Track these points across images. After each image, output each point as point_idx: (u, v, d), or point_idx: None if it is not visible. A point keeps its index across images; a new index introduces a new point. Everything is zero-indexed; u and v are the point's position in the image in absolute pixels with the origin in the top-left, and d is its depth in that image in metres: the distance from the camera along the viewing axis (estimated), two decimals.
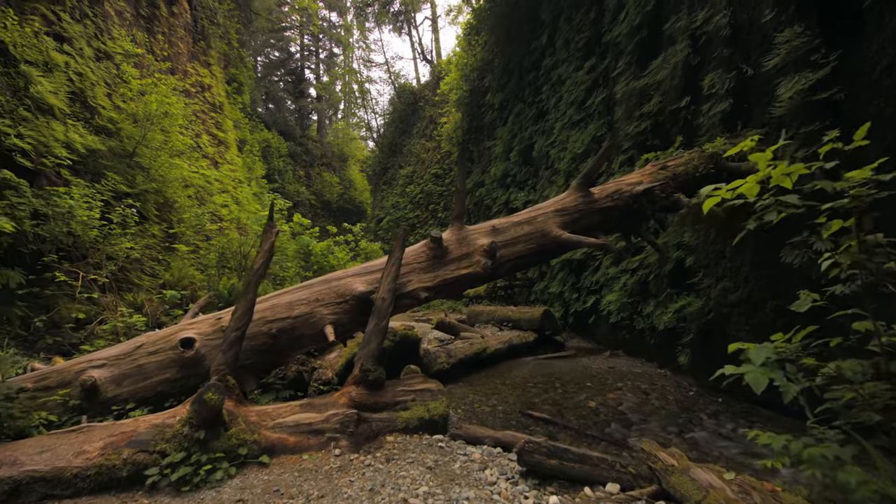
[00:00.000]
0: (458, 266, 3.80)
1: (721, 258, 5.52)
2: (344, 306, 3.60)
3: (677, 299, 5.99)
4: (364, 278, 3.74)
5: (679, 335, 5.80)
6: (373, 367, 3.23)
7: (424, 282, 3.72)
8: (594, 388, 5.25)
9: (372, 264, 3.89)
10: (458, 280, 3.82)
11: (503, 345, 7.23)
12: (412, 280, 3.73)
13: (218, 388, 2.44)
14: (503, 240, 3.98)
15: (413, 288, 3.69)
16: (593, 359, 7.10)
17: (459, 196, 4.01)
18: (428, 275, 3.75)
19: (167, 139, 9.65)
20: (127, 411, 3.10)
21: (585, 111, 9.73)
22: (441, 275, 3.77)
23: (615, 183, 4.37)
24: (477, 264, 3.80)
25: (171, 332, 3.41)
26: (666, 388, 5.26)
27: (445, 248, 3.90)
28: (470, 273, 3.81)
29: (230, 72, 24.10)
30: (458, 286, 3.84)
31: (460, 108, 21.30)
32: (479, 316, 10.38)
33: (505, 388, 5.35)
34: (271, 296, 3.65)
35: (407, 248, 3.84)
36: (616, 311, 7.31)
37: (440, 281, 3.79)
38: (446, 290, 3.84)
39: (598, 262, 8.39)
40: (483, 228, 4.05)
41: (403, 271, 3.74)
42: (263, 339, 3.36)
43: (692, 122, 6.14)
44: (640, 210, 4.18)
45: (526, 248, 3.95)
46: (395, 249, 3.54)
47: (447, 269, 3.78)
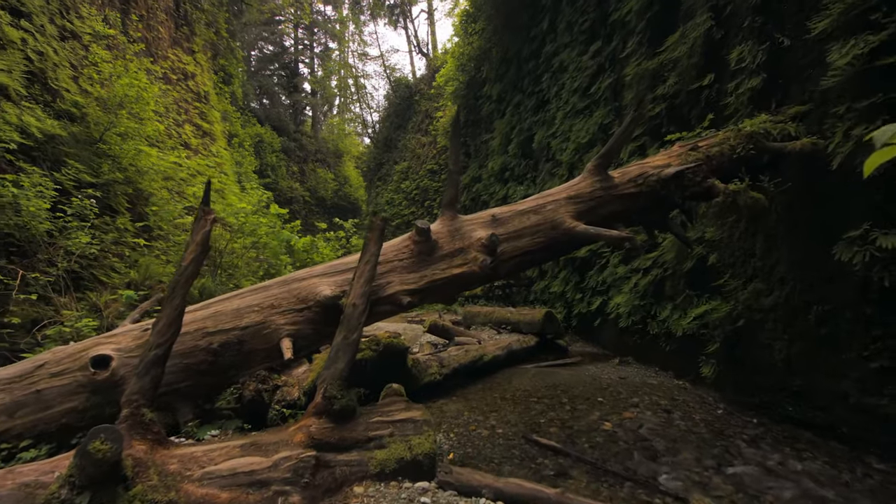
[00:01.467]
0: (449, 264, 3.11)
1: (750, 256, 4.85)
2: (306, 314, 2.90)
3: (699, 302, 5.32)
4: (333, 279, 3.04)
5: (701, 343, 5.13)
6: (339, 392, 2.54)
7: (408, 283, 3.02)
8: (607, 405, 4.57)
9: (343, 262, 3.19)
10: (450, 281, 3.12)
11: (502, 351, 6.55)
12: (392, 281, 3.03)
13: (112, 435, 1.74)
14: (505, 232, 3.29)
15: (393, 291, 3.00)
16: (601, 367, 6.43)
17: (452, 178, 3.31)
18: (412, 275, 3.06)
19: (140, 126, 8.90)
20: (18, 451, 2.41)
21: (590, 98, 9.04)
22: (428, 275, 3.07)
23: (638, 166, 3.69)
24: (473, 262, 3.11)
25: (82, 347, 2.69)
26: (689, 404, 4.59)
27: (434, 241, 3.20)
28: (464, 273, 3.12)
29: (219, 62, 23.31)
30: (449, 288, 3.14)
31: (456, 101, 20.60)
32: (476, 317, 9.71)
33: (505, 404, 4.67)
34: (216, 301, 2.94)
35: (386, 243, 3.16)
36: (626, 315, 6.64)
37: (427, 282, 3.09)
38: (435, 293, 3.14)
39: (605, 260, 7.72)
40: (481, 219, 3.36)
41: (381, 270, 3.04)
42: (201, 356, 2.66)
43: (716, 101, 5.47)
44: (667, 198, 3.50)
45: (532, 242, 3.26)
46: (369, 243, 2.84)
47: (436, 268, 3.08)
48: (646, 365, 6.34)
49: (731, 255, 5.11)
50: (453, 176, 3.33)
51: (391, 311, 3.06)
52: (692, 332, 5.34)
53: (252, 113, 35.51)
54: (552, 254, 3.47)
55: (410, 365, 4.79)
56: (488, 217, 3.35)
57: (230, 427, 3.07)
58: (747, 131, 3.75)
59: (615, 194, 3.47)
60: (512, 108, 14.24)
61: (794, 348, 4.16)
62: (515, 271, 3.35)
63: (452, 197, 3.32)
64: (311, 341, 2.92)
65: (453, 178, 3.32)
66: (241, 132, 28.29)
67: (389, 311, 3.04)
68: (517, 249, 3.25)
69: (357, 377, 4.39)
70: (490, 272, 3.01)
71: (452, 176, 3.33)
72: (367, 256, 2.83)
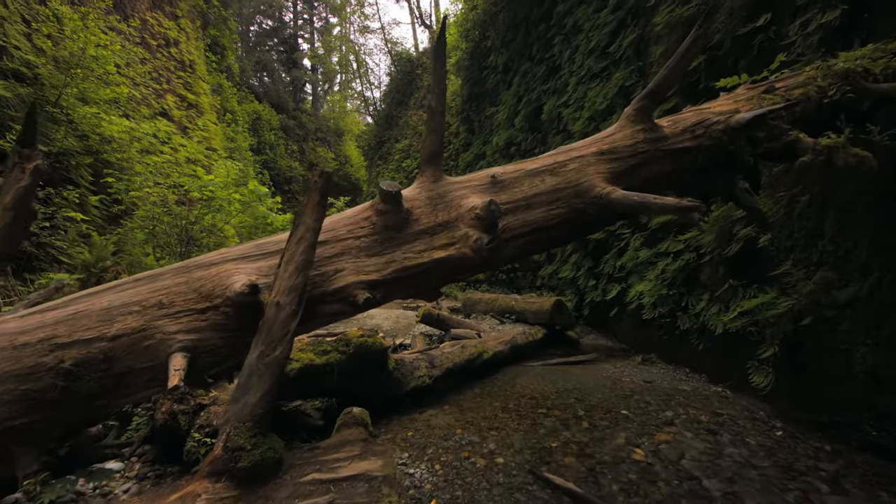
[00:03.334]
0: (428, 244, 2.18)
1: (816, 237, 3.89)
2: (212, 317, 1.98)
3: (745, 294, 4.38)
4: (257, 264, 2.12)
5: (747, 343, 4.21)
6: (250, 440, 1.66)
7: (366, 271, 2.09)
8: (634, 421, 3.68)
9: (273, 239, 2.26)
10: (429, 269, 2.19)
11: (504, 346, 5.67)
12: (344, 269, 2.10)
13: None
14: (510, 200, 2.34)
15: (344, 283, 2.07)
16: (620, 366, 5.53)
17: (434, 121, 2.34)
18: (373, 260, 2.13)
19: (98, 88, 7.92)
20: None
21: (609, 58, 7.96)
22: (398, 259, 2.14)
23: (695, 111, 2.72)
24: (463, 241, 2.17)
25: None
26: (737, 421, 3.69)
27: (407, 212, 2.25)
28: (450, 257, 2.18)
29: (210, 33, 22.18)
30: (427, 278, 2.21)
31: (460, 73, 19.44)
32: (477, 305, 8.81)
33: (507, 418, 3.79)
34: (80, 297, 2.00)
35: (337, 215, 2.25)
36: (650, 306, 5.70)
37: (396, 270, 2.16)
38: (408, 286, 2.21)
39: (624, 243, 6.75)
40: (475, 181, 2.41)
41: (327, 253, 2.12)
42: (48, 378, 1.75)
43: (772, 48, 4.43)
44: (735, 154, 2.53)
45: (548, 214, 2.31)
46: (304, 212, 1.91)
47: (409, 250, 2.15)
48: (673, 365, 5.44)
49: (789, 235, 4.14)
50: (436, 118, 2.36)
51: (341, 313, 2.13)
52: (735, 331, 4.41)
53: (250, 89, 34.48)
54: (575, 231, 2.51)
55: (392, 367, 3.90)
56: (486, 178, 2.40)
57: (102, 479, 2.19)
58: (840, 68, 2.75)
59: (665, 149, 2.50)
60: (519, 77, 13.13)
61: (881, 357, 3.24)
62: (523, 255, 2.41)
63: (435, 149, 2.37)
64: (223, 357, 2.00)
65: (436, 122, 2.36)
66: (237, 108, 27.40)
67: (339, 311, 2.11)
68: (526, 225, 2.30)
69: (320, 385, 3.52)
70: (488, 256, 2.07)
71: (435, 118, 2.36)
72: (300, 232, 1.90)
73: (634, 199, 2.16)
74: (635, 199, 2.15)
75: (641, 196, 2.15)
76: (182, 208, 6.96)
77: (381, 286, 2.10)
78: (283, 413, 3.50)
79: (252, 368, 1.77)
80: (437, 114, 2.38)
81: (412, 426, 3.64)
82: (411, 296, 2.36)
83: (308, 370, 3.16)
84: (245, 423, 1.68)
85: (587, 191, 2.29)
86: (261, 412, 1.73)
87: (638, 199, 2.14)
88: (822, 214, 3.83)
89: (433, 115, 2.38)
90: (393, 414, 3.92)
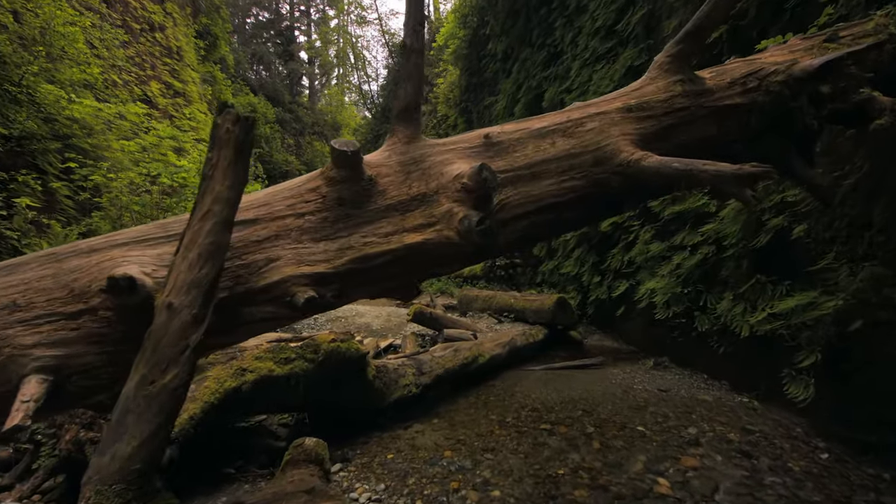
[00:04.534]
0: (399, 224, 1.63)
1: (863, 227, 3.37)
2: (87, 323, 1.41)
3: (776, 292, 3.85)
4: (158, 250, 1.55)
5: (782, 350, 3.70)
6: None
7: (311, 261, 1.55)
8: (654, 440, 3.16)
9: (184, 218, 1.69)
10: (399, 258, 1.65)
11: (502, 348, 5.15)
12: (281, 258, 1.55)
13: None
14: (509, 168, 1.80)
15: (279, 278, 1.52)
16: (630, 371, 5.01)
17: (411, 63, 1.79)
18: (321, 246, 1.58)
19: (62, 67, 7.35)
20: None
21: (617, 37, 7.41)
22: (355, 245, 1.59)
23: (744, 62, 2.19)
24: (446, 221, 1.63)
25: None
26: (773, 441, 3.17)
27: (370, 180, 1.70)
28: (428, 242, 1.64)
29: (201, 21, 21.55)
30: (398, 272, 1.66)
31: (458, 63, 18.85)
32: (473, 302, 8.29)
33: (505, 436, 3.27)
34: None
35: (275, 186, 1.71)
36: (663, 304, 5.17)
37: (353, 259, 1.61)
38: (370, 281, 1.65)
39: (633, 236, 6.22)
40: (463, 142, 1.86)
41: (259, 235, 1.58)
42: None
43: (805, 12, 3.89)
44: (794, 115, 2.00)
45: (559, 187, 1.77)
46: (212, 177, 1.36)
47: (372, 233, 1.61)
48: (688, 370, 4.92)
49: (828, 225, 3.62)
50: (413, 60, 1.80)
51: (275, 317, 1.58)
52: (763, 333, 3.89)
53: (245, 82, 33.93)
54: (593, 210, 1.95)
55: (373, 376, 3.37)
56: (477, 139, 1.86)
57: None
58: None
59: (709, 106, 1.97)
60: (519, 64, 12.59)
61: None
62: (525, 242, 1.88)
63: (411, 101, 1.82)
64: (106, 381, 1.44)
65: (413, 66, 1.80)
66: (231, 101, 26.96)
67: (271, 315, 1.56)
68: (530, 201, 1.76)
69: (283, 399, 2.98)
70: (479, 241, 1.52)
71: (412, 60, 1.79)
72: (206, 203, 1.36)
73: (675, 166, 1.62)
74: (676, 166, 1.61)
75: (685, 163, 1.60)
76: (151, 196, 6.41)
77: (332, 281, 1.56)
78: (238, 431, 2.98)
79: (128, 403, 1.24)
80: (415, 53, 1.82)
81: (394, 446, 3.12)
82: (378, 294, 1.84)
83: (266, 382, 2.63)
84: (113, 486, 1.16)
85: (610, 157, 1.76)
86: (138, 468, 1.20)
87: (680, 166, 1.60)
88: (870, 200, 3.30)
89: (409, 56, 1.83)
90: (373, 430, 3.39)
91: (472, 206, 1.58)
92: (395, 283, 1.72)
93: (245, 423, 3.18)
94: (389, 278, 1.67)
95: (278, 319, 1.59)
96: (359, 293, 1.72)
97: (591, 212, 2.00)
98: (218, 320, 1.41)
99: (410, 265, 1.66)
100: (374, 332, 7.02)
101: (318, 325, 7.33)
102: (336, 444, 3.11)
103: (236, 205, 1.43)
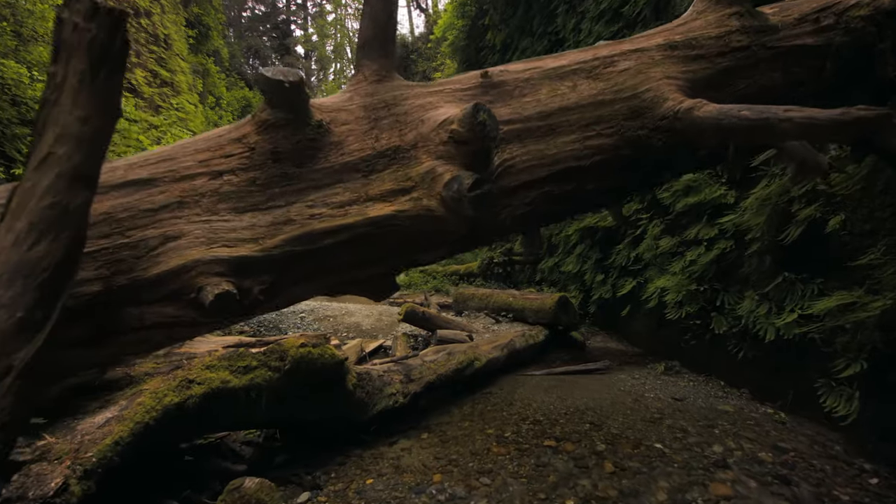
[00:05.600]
0: (360, 189, 1.18)
1: None
2: None
3: (806, 292, 3.45)
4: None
5: (813, 356, 3.30)
6: None
7: (230, 240, 1.09)
8: (675, 462, 2.75)
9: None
10: (358, 237, 1.20)
11: (501, 351, 4.73)
12: (184, 235, 1.09)
13: None
14: (515, 117, 1.34)
15: (181, 263, 1.06)
16: (639, 376, 4.60)
17: None
18: (246, 218, 1.13)
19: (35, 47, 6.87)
20: None
21: (623, 20, 6.99)
22: (297, 218, 1.14)
23: None
24: (426, 186, 1.16)
25: None
26: (810, 460, 2.77)
27: (320, 128, 1.24)
28: (401, 216, 1.19)
29: (192, 10, 21.03)
30: (360, 258, 1.22)
31: (455, 56, 18.39)
32: (470, 301, 7.87)
33: (504, 455, 2.85)
34: None
35: (188, 139, 1.28)
36: (675, 304, 4.77)
37: (292, 240, 1.15)
38: (320, 271, 1.21)
39: (641, 230, 5.81)
40: (453, 84, 1.41)
41: (155, 201, 1.12)
42: None
43: None
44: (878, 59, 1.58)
45: (583, 145, 1.30)
46: (54, 102, 0.92)
47: (322, 201, 1.16)
48: (703, 375, 4.52)
49: (868, 216, 3.21)
50: None
51: (176, 322, 1.09)
52: (790, 338, 3.49)
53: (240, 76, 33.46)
54: (624, 180, 1.46)
55: (353, 385, 2.95)
56: (473, 80, 1.42)
57: None
58: None
59: (773, 46, 1.53)
60: (518, 54, 12.19)
61: None
62: (534, 219, 1.42)
63: (380, 30, 1.37)
64: None
65: None
66: (225, 94, 26.48)
67: (170, 320, 1.07)
68: (543, 163, 1.31)
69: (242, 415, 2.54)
70: (474, 212, 1.05)
71: None
72: (45, 144, 0.91)
73: (745, 115, 1.18)
74: (746, 115, 1.17)
75: (759, 110, 1.16)
76: None
77: (260, 269, 1.11)
78: (190, 452, 2.55)
79: None
80: None
81: (375, 468, 2.70)
82: (335, 289, 1.39)
83: (219, 397, 2.20)
84: None
85: (650, 106, 1.33)
86: None
87: (752, 115, 1.17)
88: None
89: None
90: (353, 447, 2.97)
91: (463, 163, 1.15)
92: (357, 275, 1.28)
93: (202, 441, 2.76)
94: (348, 267, 1.22)
95: (181, 325, 1.14)
96: (304, 288, 1.27)
97: (620, 183, 1.54)
98: (85, 327, 0.98)
99: (376, 249, 1.21)
100: (363, 333, 6.60)
101: (305, 326, 6.89)
102: (307, 465, 2.69)
103: (99, 148, 0.98)
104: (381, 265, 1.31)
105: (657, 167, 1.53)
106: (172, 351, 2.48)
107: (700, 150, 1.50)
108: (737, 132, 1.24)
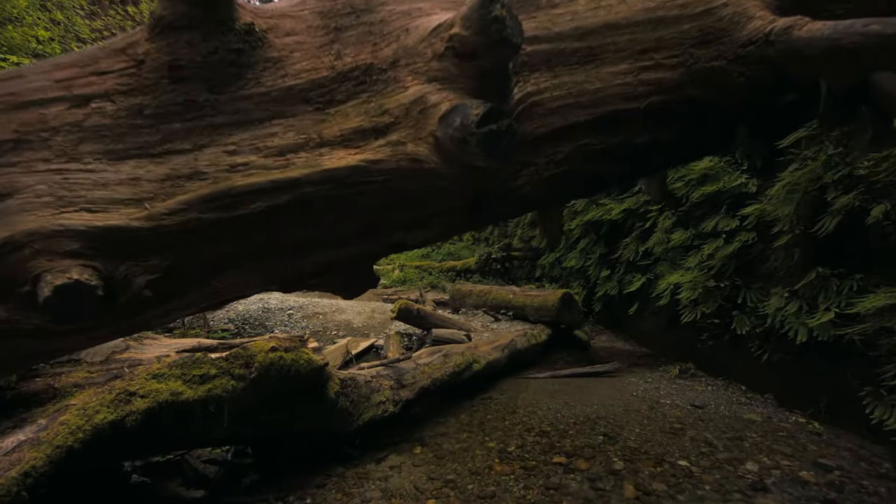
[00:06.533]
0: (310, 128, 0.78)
1: None
2: None
3: (842, 288, 3.10)
4: None
5: (850, 360, 2.95)
6: None
7: (94, 202, 0.73)
8: (706, 483, 2.39)
9: None
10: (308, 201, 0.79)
11: (501, 353, 4.37)
12: (21, 191, 0.70)
13: None
14: (543, 33, 0.94)
15: (2, 237, 0.71)
16: (651, 380, 4.25)
17: None
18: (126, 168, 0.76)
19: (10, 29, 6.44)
20: None
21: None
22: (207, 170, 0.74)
23: None
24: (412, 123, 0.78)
25: None
26: (859, 480, 2.42)
27: (251, 33, 0.86)
28: (374, 167, 0.81)
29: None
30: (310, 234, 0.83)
31: None
32: (467, 298, 7.50)
33: (508, 474, 2.49)
34: None
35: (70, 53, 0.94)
36: (690, 302, 4.41)
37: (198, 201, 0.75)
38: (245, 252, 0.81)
39: (650, 223, 5.44)
40: None
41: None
42: None
43: None
44: None
45: (637, 79, 0.87)
46: None
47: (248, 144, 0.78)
48: (721, 379, 4.17)
49: None
50: None
51: (9, 336, 0.78)
52: (825, 339, 3.14)
53: None
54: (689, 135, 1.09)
55: (336, 393, 2.57)
56: None
57: None
58: None
59: None
60: None
61: None
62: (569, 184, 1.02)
63: None
64: None
65: None
66: None
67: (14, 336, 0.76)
68: (582, 102, 0.89)
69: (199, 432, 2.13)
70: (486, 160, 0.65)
71: None
72: None
73: (875, 30, 0.81)
74: (878, 31, 0.81)
75: (880, 24, 0.81)
76: None
77: (146, 247, 0.69)
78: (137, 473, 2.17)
79: None
80: None
81: (359, 491, 2.32)
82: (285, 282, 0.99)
83: (167, 412, 1.82)
84: None
85: (729, 27, 0.96)
86: None
87: (889, 30, 0.80)
88: None
89: None
90: (335, 464, 2.61)
91: (468, 88, 0.76)
92: (315, 261, 0.87)
93: (159, 458, 2.37)
94: (296, 249, 0.81)
95: (22, 338, 0.74)
96: (232, 281, 0.86)
97: (685, 138, 1.14)
98: None
99: (335, 220, 0.80)
100: (354, 331, 6.23)
101: (293, 323, 6.51)
102: (280, 489, 2.32)
103: None
104: (348, 246, 0.90)
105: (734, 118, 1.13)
106: (112, 357, 2.09)
107: (784, 96, 1.12)
108: (862, 56, 0.86)
